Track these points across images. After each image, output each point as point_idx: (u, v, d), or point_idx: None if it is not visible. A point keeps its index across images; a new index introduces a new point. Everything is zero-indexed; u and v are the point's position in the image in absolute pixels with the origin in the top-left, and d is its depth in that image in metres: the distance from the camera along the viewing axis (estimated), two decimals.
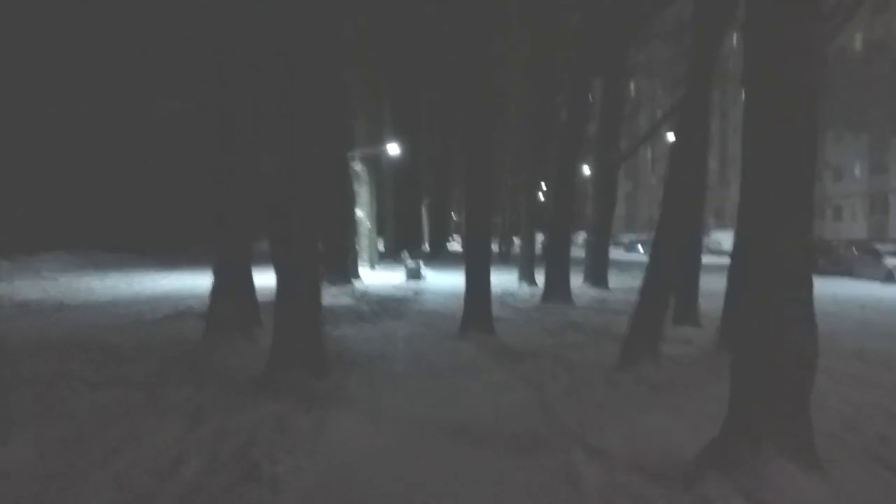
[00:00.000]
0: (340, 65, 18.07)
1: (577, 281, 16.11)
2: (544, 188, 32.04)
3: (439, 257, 34.92)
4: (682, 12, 14.99)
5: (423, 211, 48.11)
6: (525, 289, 18.57)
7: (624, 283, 20.50)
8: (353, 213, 21.69)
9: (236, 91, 9.13)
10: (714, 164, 75.89)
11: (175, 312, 12.18)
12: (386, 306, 14.31)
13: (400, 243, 31.80)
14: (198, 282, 19.22)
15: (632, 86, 36.15)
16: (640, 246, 51.50)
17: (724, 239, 50.56)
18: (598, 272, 18.55)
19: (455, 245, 55.93)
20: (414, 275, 20.41)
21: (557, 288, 15.11)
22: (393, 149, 22.72)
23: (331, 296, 15.82)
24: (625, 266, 29.04)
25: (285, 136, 6.90)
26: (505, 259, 31.22)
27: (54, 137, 27.16)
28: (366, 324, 11.73)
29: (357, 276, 19.87)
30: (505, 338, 10.11)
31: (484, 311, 10.38)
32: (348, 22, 19.34)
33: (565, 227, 15.33)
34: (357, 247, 22.83)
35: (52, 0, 23.49)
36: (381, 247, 30.97)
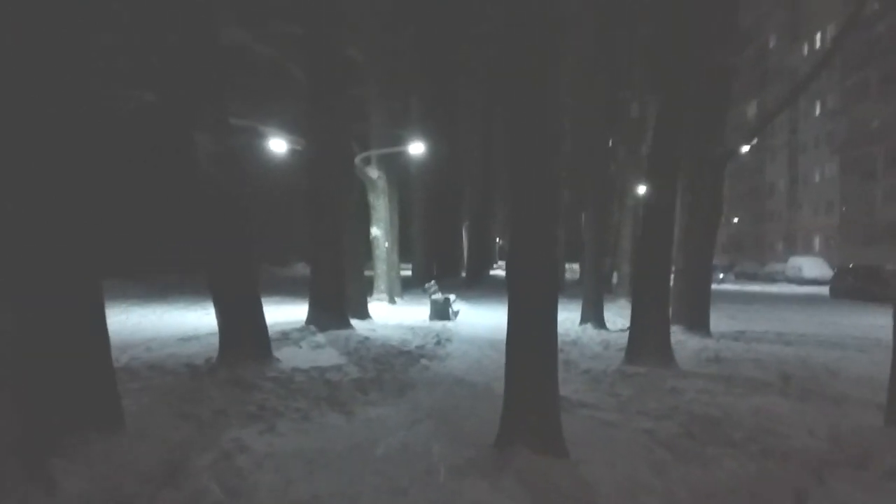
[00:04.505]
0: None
1: None
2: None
3: (478, 286, 29.49)
4: None
5: (463, 232, 43.00)
6: (592, 335, 13.33)
7: (723, 325, 14.98)
8: (363, 232, 16.73)
9: None
10: (782, 185, 68.89)
11: None
12: (386, 368, 9.27)
13: (431, 269, 26.68)
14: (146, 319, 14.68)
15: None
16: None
17: (805, 265, 43.94)
18: (696, 312, 13.16)
19: (499, 270, 50.26)
20: (441, 313, 15.23)
21: (650, 339, 9.80)
22: (416, 148, 17.56)
23: (311, 347, 10.76)
24: None
25: None
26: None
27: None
28: (334, 413, 6.68)
29: (365, 314, 14.80)
30: (587, 467, 4.96)
31: (545, 410, 5.21)
32: None
33: (664, 248, 9.95)
34: (370, 273, 17.86)
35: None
36: (408, 272, 25.86)
